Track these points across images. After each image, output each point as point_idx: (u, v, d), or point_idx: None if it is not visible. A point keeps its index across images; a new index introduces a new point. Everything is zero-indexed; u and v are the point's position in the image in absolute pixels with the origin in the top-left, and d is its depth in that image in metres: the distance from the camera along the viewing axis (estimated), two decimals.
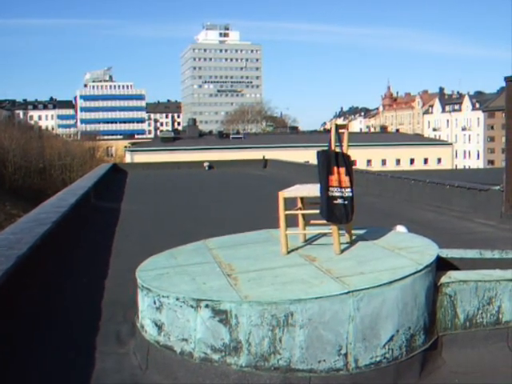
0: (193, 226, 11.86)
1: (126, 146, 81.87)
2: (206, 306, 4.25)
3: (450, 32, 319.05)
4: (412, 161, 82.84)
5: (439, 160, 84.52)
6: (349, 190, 5.29)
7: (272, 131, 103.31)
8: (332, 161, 5.26)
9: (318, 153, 5.34)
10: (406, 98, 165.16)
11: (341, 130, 5.56)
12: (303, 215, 6.00)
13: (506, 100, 11.50)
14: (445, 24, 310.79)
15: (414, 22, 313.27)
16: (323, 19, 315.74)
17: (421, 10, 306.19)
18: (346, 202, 5.27)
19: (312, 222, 6.06)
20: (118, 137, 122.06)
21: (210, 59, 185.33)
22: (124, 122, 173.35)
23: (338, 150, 5.40)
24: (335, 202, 5.24)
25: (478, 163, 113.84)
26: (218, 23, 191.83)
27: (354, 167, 5.64)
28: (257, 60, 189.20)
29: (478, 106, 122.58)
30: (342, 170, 5.29)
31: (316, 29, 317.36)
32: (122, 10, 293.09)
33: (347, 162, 5.35)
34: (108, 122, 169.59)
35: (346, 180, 5.28)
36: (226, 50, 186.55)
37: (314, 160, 5.74)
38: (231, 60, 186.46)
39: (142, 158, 62.41)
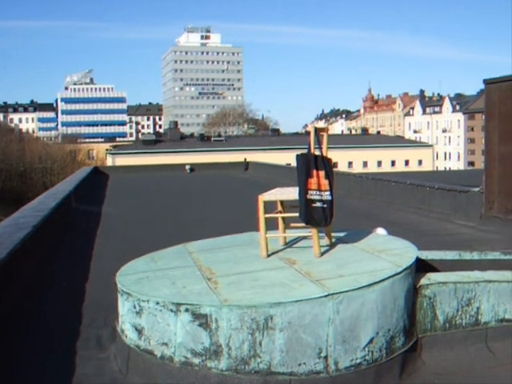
0: (174, 228, 11.84)
1: (107, 149, 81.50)
2: (186, 310, 4.25)
3: (430, 34, 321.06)
4: (393, 163, 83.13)
5: (420, 162, 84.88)
6: (328, 193, 5.29)
7: (254, 134, 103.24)
8: (311, 164, 5.27)
9: (298, 156, 5.35)
10: (387, 101, 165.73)
11: (320, 134, 5.57)
12: (283, 218, 6.02)
13: (486, 103, 11.58)
14: (425, 27, 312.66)
15: (395, 25, 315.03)
16: (304, 22, 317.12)
17: (401, 12, 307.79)
18: (325, 206, 5.28)
19: (292, 224, 6.07)
20: (100, 140, 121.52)
21: (192, 62, 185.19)
22: (105, 124, 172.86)
23: (317, 153, 5.40)
24: (314, 205, 5.25)
25: (458, 165, 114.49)
26: (200, 26, 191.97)
27: (334, 169, 5.66)
28: (238, 63, 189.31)
29: (458, 108, 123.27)
30: (322, 173, 5.29)
31: (297, 31, 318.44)
32: (103, 12, 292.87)
33: (327, 165, 5.35)
34: (89, 125, 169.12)
35: (325, 183, 5.29)
36: (207, 53, 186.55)
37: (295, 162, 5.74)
38: (212, 63, 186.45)
39: (123, 160, 62.17)
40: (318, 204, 5.26)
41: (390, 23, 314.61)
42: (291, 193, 5.58)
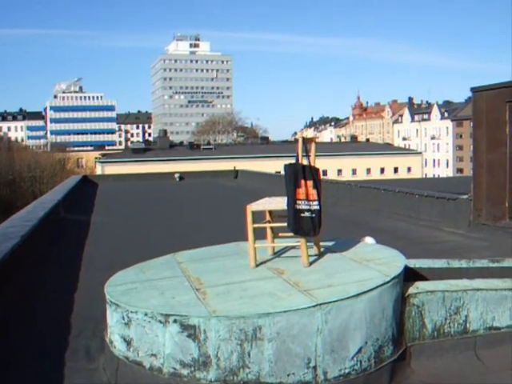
0: (163, 238, 11.83)
1: (96, 158, 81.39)
2: (175, 321, 4.24)
3: (418, 42, 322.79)
4: (382, 170, 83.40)
5: (409, 169, 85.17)
6: (316, 203, 5.30)
7: (243, 142, 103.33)
8: (299, 174, 5.28)
9: (286, 166, 5.36)
10: (376, 108, 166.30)
11: (308, 143, 5.58)
12: (272, 228, 6.02)
13: (473, 111, 11.64)
14: (413, 34, 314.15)
15: (384, 33, 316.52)
16: (293, 30, 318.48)
17: (390, 20, 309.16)
18: (314, 215, 5.28)
19: (281, 234, 6.07)
20: (89, 148, 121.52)
21: (181, 70, 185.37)
22: (94, 133, 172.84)
23: (305, 163, 5.42)
24: (302, 215, 5.26)
25: (447, 171, 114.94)
26: (189, 34, 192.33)
27: (324, 177, 5.67)
28: (227, 71, 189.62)
29: (446, 115, 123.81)
30: (310, 183, 5.30)
31: (286, 39, 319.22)
32: (91, 20, 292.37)
33: (315, 175, 5.36)
34: (78, 134, 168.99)
35: (313, 193, 5.30)
36: (196, 61, 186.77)
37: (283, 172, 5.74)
38: (202, 71, 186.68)
39: (112, 169, 62.10)
40: (307, 214, 5.26)
41: (379, 31, 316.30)
42: (279, 203, 5.59)
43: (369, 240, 7.46)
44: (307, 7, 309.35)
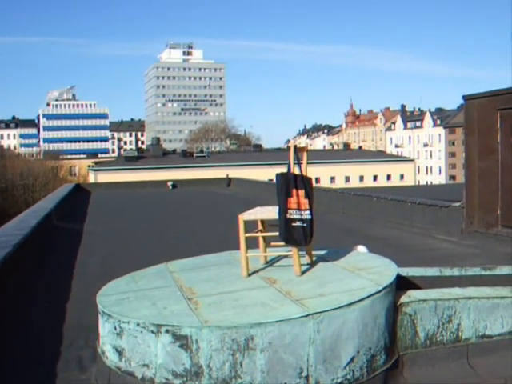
0: (156, 246, 11.80)
1: (89, 166, 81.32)
2: (167, 331, 4.23)
3: (410, 50, 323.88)
4: (375, 177, 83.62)
5: (402, 176, 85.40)
6: (308, 212, 5.30)
7: (236, 149, 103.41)
8: (291, 183, 5.28)
9: (277, 175, 5.36)
10: (369, 116, 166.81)
11: (300, 152, 5.59)
12: (264, 237, 6.02)
13: (465, 119, 11.69)
14: (406, 42, 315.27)
15: (376, 41, 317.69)
16: (286, 38, 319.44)
17: (382, 28, 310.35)
18: (305, 225, 5.28)
19: (273, 243, 6.07)
20: (82, 156, 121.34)
21: (174, 78, 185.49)
22: (87, 141, 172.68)
23: (297, 172, 5.42)
24: (294, 224, 5.26)
25: (439, 178, 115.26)
26: (182, 42, 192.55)
27: (317, 185, 5.68)
28: (220, 78, 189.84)
29: (438, 122, 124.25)
30: (302, 192, 5.30)
31: (279, 47, 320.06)
32: (84, 28, 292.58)
33: (307, 185, 5.36)
34: (71, 141, 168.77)
35: (305, 202, 5.30)
36: (189, 69, 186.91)
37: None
38: (195, 78, 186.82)
39: (105, 177, 62.08)
40: (298, 223, 5.26)
41: (372, 39, 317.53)
42: (271, 212, 5.59)
43: (361, 249, 7.48)
44: (300, 16, 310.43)
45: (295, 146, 5.48)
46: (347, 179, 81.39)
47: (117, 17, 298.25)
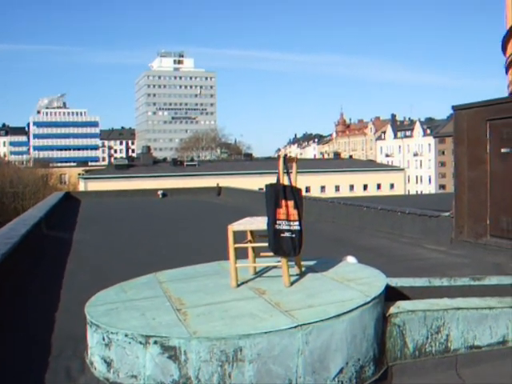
0: (146, 255, 11.77)
1: (79, 174, 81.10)
2: (155, 342, 4.22)
3: (401, 60, 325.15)
4: (365, 186, 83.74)
5: (392, 185, 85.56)
6: (297, 223, 5.30)
7: (226, 158, 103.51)
8: (280, 194, 5.29)
9: (267, 186, 5.36)
10: (359, 125, 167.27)
11: (290, 163, 5.60)
12: (253, 248, 6.02)
13: (454, 129, 11.72)
14: (396, 52, 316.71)
15: (366, 50, 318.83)
16: (276, 47, 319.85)
17: (372, 38, 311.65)
18: (294, 236, 5.29)
19: (262, 254, 6.07)
20: (72, 164, 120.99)
21: (165, 86, 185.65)
22: (78, 149, 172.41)
23: (286, 182, 5.42)
24: (282, 235, 5.26)
25: (429, 188, 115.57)
26: (173, 50, 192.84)
27: (307, 194, 5.69)
28: (211, 87, 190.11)
29: (428, 132, 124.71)
30: (291, 203, 5.31)
31: (269, 56, 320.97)
32: (75, 36, 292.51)
33: (296, 195, 5.37)
34: (61, 149, 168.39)
35: (294, 213, 5.30)
36: (180, 77, 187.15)
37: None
38: (185, 87, 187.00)
39: (95, 185, 61.93)
40: (287, 234, 5.27)
41: (362, 49, 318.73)
42: (261, 223, 5.59)
43: (350, 259, 7.48)
44: (290, 25, 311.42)
45: (285, 157, 5.49)
46: (337, 188, 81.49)
47: (108, 25, 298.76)
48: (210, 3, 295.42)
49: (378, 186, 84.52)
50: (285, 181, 5.41)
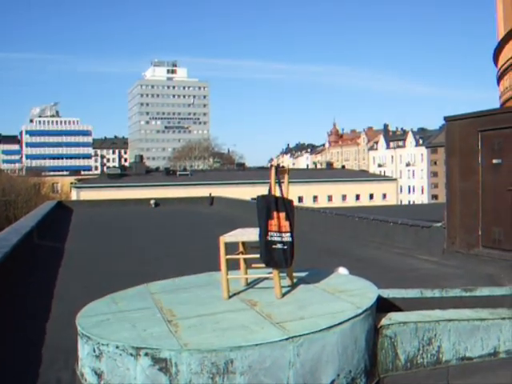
0: (138, 266, 11.74)
1: (72, 183, 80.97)
2: (146, 354, 4.20)
3: (393, 70, 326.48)
4: (358, 196, 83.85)
5: (384, 195, 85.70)
6: (288, 234, 5.31)
7: (219, 168, 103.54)
8: (272, 205, 5.29)
9: (258, 197, 5.37)
10: (352, 135, 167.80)
11: (281, 174, 5.60)
12: (245, 259, 6.02)
13: (446, 139, 11.76)
14: (388, 62, 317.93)
15: (359, 61, 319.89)
16: (270, 57, 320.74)
17: (365, 48, 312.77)
18: (286, 247, 5.29)
19: (253, 265, 6.08)
20: (64, 173, 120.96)
21: (158, 95, 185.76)
22: (70, 157, 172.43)
23: (278, 194, 5.43)
24: (274, 246, 5.27)
25: (422, 198, 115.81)
26: (166, 60, 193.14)
27: (299, 204, 5.70)
28: (204, 97, 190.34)
29: (421, 142, 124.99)
30: (282, 214, 5.31)
31: (263, 66, 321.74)
32: (68, 44, 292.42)
33: (287, 207, 5.38)
34: (54, 158, 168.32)
35: (285, 225, 5.31)
36: (173, 87, 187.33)
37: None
38: (179, 97, 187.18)
39: (88, 194, 61.92)
40: (279, 245, 5.27)
41: (355, 59, 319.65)
42: (252, 234, 5.59)
43: (342, 270, 7.48)
44: (284, 35, 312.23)
45: (276, 168, 5.50)
46: (330, 198, 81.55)
47: (101, 34, 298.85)
48: (204, 13, 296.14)
49: (371, 196, 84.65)
50: (276, 192, 5.42)
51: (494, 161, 10.49)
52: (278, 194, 5.42)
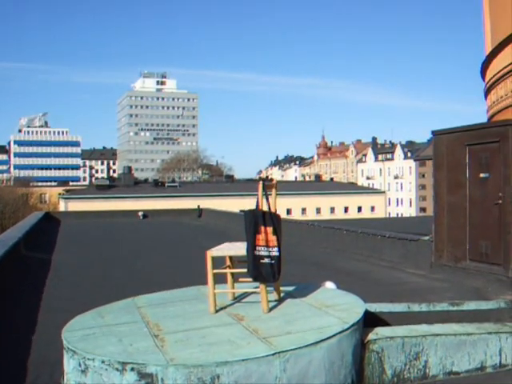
0: (125, 278, 11.70)
1: (60, 194, 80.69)
2: (132, 369, 4.18)
3: (381, 83, 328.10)
4: (346, 209, 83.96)
5: (373, 208, 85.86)
6: (276, 249, 5.32)
7: (208, 179, 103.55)
8: (259, 220, 5.30)
9: (246, 212, 5.37)
10: (340, 147, 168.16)
11: (269, 189, 5.60)
12: (232, 273, 6.01)
13: (434, 153, 11.79)
14: (377, 76, 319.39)
15: (348, 73, 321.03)
16: (259, 69, 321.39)
17: (353, 61, 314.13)
18: (273, 262, 5.30)
19: (241, 279, 6.07)
20: (53, 183, 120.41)
21: (147, 107, 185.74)
22: (59, 168, 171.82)
23: (265, 208, 5.43)
24: (262, 261, 5.27)
25: (410, 210, 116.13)
26: (156, 71, 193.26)
27: (288, 216, 5.71)
28: (193, 108, 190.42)
29: (409, 155, 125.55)
30: (270, 229, 5.32)
31: (252, 78, 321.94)
32: (58, 55, 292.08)
33: (275, 221, 5.38)
34: (42, 169, 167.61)
35: (273, 239, 5.32)
36: (162, 98, 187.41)
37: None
38: (168, 108, 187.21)
39: (76, 205, 61.73)
40: (266, 260, 5.28)
41: (344, 72, 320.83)
42: (240, 248, 5.59)
43: (329, 285, 7.47)
44: (273, 47, 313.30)
45: (264, 183, 5.50)
46: (318, 211, 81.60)
47: (91, 45, 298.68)
48: (193, 25, 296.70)
49: (359, 209, 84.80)
50: (264, 206, 5.42)
51: (482, 175, 10.53)
52: (265, 208, 5.42)
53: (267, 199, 5.48)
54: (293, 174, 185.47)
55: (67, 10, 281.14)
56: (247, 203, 5.73)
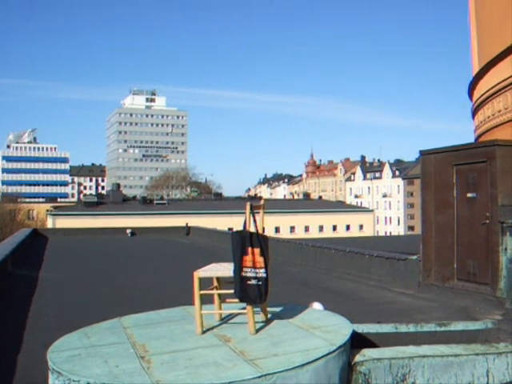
0: (112, 297, 11.65)
1: (48, 210, 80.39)
2: None
3: (370, 102, 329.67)
4: (335, 227, 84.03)
5: (361, 226, 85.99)
6: (263, 270, 5.31)
7: (196, 197, 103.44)
8: (246, 241, 5.30)
9: (233, 233, 5.37)
10: (329, 166, 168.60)
11: (256, 210, 5.60)
12: (219, 294, 6.00)
13: (422, 173, 11.84)
14: (365, 94, 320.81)
15: (336, 92, 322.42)
16: (248, 87, 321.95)
17: (343, 80, 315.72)
18: (260, 283, 5.29)
19: (228, 300, 6.05)
20: (40, 200, 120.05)
21: (136, 124, 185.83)
22: (47, 184, 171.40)
23: (253, 229, 5.43)
24: (249, 282, 5.26)
25: (398, 229, 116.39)
26: (145, 88, 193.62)
27: (276, 235, 5.71)
28: (182, 126, 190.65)
29: (397, 173, 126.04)
30: (257, 250, 5.32)
31: (241, 96, 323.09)
32: (47, 71, 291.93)
33: (262, 243, 5.38)
34: (30, 185, 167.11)
35: (260, 260, 5.31)
36: (152, 116, 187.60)
37: (237, 227, 5.72)
38: (157, 125, 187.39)
39: (64, 222, 61.46)
40: (253, 281, 5.27)
41: (333, 90, 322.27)
42: (227, 269, 5.59)
43: (317, 306, 7.46)
44: (262, 66, 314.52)
45: (251, 205, 5.51)
46: (307, 229, 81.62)
47: (80, 61, 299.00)
48: (183, 43, 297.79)
49: (348, 227, 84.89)
50: (251, 228, 5.42)
51: (469, 194, 10.58)
52: (252, 229, 5.42)
53: (255, 220, 5.48)
54: (281, 192, 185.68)
55: (57, 26, 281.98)
56: (236, 221, 5.72)
